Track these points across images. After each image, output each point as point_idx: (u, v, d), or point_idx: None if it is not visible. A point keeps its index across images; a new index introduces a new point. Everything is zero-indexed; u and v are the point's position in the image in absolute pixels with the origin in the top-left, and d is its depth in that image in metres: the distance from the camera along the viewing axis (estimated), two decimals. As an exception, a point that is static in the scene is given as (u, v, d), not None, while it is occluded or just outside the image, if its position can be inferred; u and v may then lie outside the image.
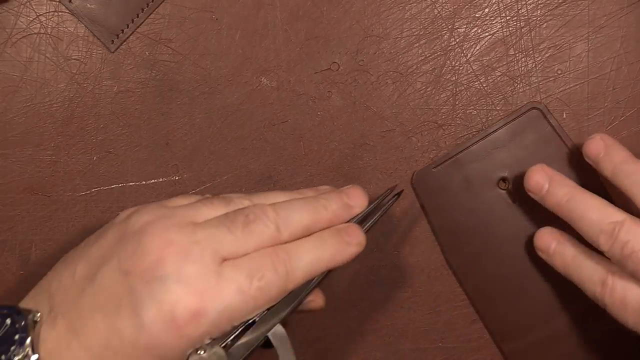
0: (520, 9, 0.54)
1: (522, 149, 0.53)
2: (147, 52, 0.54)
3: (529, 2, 0.54)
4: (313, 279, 0.44)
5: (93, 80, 0.54)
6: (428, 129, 0.54)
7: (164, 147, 0.54)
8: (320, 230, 0.45)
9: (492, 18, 0.54)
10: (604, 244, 0.49)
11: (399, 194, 0.50)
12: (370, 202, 0.47)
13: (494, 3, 0.54)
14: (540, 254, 0.52)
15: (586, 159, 0.52)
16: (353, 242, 0.45)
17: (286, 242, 0.44)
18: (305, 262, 0.43)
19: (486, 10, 0.54)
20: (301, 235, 0.44)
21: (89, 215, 0.54)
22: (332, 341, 0.55)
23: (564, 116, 0.54)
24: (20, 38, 0.54)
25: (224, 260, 0.42)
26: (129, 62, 0.54)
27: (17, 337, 0.41)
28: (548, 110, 0.53)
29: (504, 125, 0.53)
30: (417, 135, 0.54)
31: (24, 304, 0.43)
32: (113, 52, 0.54)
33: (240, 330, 0.43)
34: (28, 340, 0.41)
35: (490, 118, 0.54)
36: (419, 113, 0.54)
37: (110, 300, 0.41)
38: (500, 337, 0.54)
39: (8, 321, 0.42)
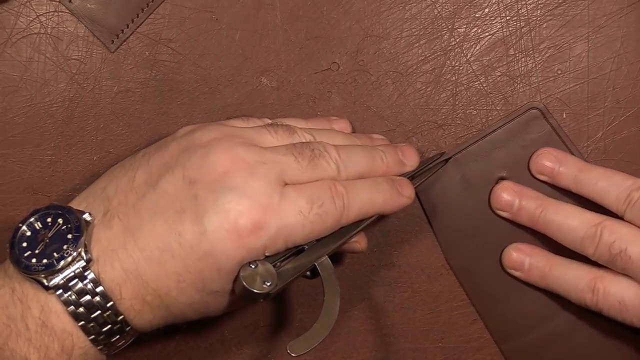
0: (520, 9, 0.54)
1: (521, 149, 0.53)
2: (147, 52, 0.54)
3: (529, 2, 0.54)
4: (364, 219, 0.46)
5: (93, 80, 0.54)
6: (428, 129, 0.54)
7: (164, 147, 0.54)
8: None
9: (492, 18, 0.54)
10: (588, 248, 0.49)
11: (446, 160, 0.53)
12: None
13: (494, 3, 0.54)
14: (513, 272, 0.53)
15: (538, 176, 0.52)
16: (404, 193, 0.48)
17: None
18: (360, 200, 0.45)
19: (486, 10, 0.54)
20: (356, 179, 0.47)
21: (89, 215, 0.54)
22: (332, 341, 0.55)
23: (564, 116, 0.54)
24: (20, 38, 0.54)
25: (286, 184, 0.44)
26: (129, 62, 0.54)
27: (70, 236, 0.42)
28: (547, 110, 0.53)
29: (503, 125, 0.53)
30: (417, 135, 0.54)
31: (75, 205, 0.44)
32: (113, 52, 0.54)
33: (289, 254, 0.44)
34: (81, 240, 0.42)
35: (490, 118, 0.54)
36: (419, 113, 0.54)
37: (172, 205, 0.42)
38: (500, 337, 0.54)
39: (60, 220, 0.43)
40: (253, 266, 0.42)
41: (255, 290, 0.41)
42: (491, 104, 0.54)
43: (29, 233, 0.43)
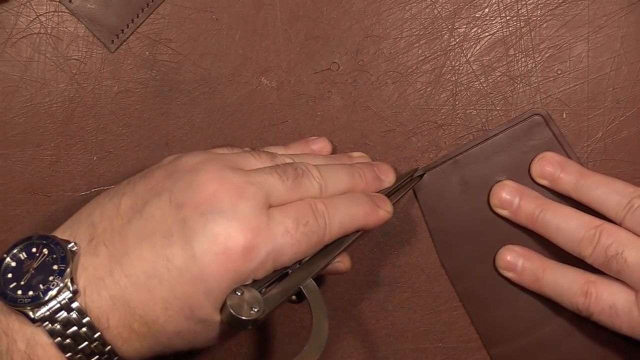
0: (520, 9, 0.54)
1: (522, 154, 0.53)
2: (147, 52, 0.54)
3: (529, 2, 0.54)
4: (345, 236, 0.46)
5: (93, 80, 0.54)
6: (428, 129, 0.54)
7: (164, 147, 0.54)
8: None
9: (492, 18, 0.54)
10: (585, 249, 0.49)
11: (421, 176, 0.53)
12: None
13: (494, 3, 0.54)
14: (506, 273, 0.53)
15: (539, 180, 0.52)
16: (383, 206, 0.48)
17: None
18: (341, 215, 0.45)
19: (486, 10, 0.54)
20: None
21: (89, 215, 0.54)
22: (332, 341, 0.55)
23: (564, 116, 0.54)
24: (20, 38, 0.54)
25: (271, 206, 0.43)
26: (129, 62, 0.54)
27: (55, 267, 0.41)
28: (550, 117, 0.53)
29: (505, 129, 0.53)
30: (417, 135, 0.54)
31: (60, 233, 0.44)
32: (113, 52, 0.54)
33: (274, 279, 0.44)
34: (67, 271, 0.41)
35: (490, 118, 0.54)
36: (419, 113, 0.54)
37: (159, 230, 0.42)
38: (489, 341, 0.54)
39: (45, 251, 0.42)
40: (239, 293, 0.41)
41: (244, 317, 0.41)
42: (491, 104, 0.54)
43: (13, 264, 0.42)
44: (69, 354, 0.41)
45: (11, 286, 0.41)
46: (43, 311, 0.40)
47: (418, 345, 0.55)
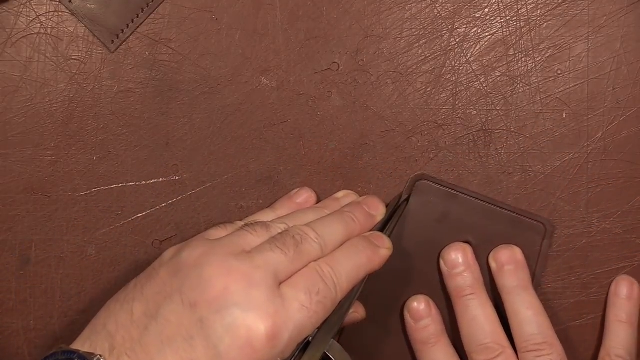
0: (520, 9, 0.54)
1: (502, 238, 0.53)
2: (147, 52, 0.54)
3: (529, 2, 0.54)
4: (354, 287, 0.46)
5: (93, 80, 0.54)
6: (428, 129, 0.54)
7: (164, 147, 0.54)
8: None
9: (492, 18, 0.54)
10: (478, 355, 0.50)
11: (406, 200, 0.53)
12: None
13: (494, 3, 0.54)
14: (407, 317, 0.53)
15: (490, 260, 0.52)
16: (382, 245, 0.48)
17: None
18: (347, 271, 0.45)
19: (486, 10, 0.54)
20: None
21: (89, 215, 0.54)
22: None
23: (564, 116, 0.54)
24: (20, 38, 0.54)
25: (280, 282, 0.43)
26: (129, 62, 0.54)
27: None
28: (552, 234, 0.53)
29: (512, 211, 0.53)
30: (417, 135, 0.54)
31: (79, 346, 0.43)
32: (113, 52, 0.54)
33: (298, 351, 0.44)
34: None
35: (490, 118, 0.54)
36: (419, 113, 0.54)
37: (178, 334, 0.41)
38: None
39: None
40: None
41: None
42: (491, 104, 0.54)
43: None
44: None
45: None
46: None
47: (418, 345, 0.55)
